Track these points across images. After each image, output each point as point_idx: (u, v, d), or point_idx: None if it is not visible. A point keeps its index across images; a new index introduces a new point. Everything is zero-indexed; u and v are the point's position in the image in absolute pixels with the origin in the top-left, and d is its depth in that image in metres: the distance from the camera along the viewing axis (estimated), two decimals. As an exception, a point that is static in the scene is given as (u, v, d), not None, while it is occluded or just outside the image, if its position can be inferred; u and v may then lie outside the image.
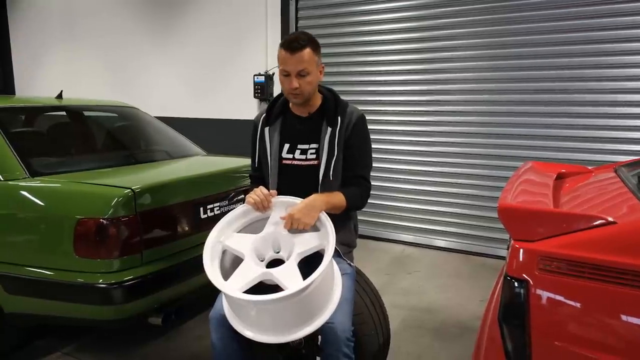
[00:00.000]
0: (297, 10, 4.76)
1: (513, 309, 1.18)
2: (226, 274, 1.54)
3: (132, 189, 2.05)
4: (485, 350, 1.34)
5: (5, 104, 2.66)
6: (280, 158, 1.81)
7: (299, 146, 1.80)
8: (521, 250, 1.18)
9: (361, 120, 1.79)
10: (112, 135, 3.26)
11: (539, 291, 1.15)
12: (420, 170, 4.36)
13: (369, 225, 4.55)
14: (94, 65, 6.25)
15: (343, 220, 1.77)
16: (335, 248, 1.50)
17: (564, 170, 1.93)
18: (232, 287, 1.43)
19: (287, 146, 1.81)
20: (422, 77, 4.24)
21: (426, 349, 2.58)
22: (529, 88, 3.81)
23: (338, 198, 1.70)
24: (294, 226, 1.58)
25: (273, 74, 4.86)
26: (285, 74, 1.69)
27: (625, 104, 3.53)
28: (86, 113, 3.19)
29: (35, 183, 2.19)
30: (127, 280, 2.01)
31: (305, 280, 1.38)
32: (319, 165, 1.75)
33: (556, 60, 3.69)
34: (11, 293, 2.14)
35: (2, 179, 2.19)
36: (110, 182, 2.19)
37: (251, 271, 1.50)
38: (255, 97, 4.91)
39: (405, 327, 2.81)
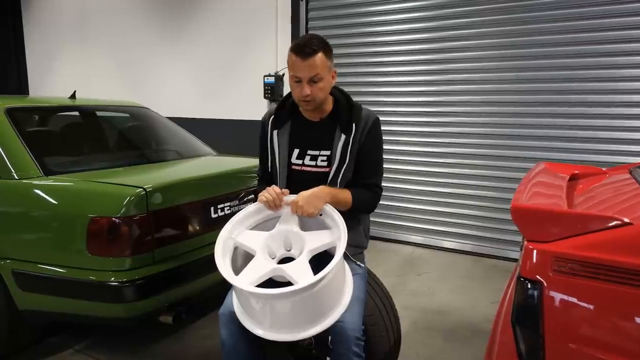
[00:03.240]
0: (307, 10, 4.77)
1: (526, 311, 1.16)
2: (237, 270, 1.54)
3: (144, 188, 2.07)
4: (497, 352, 1.33)
5: (20, 104, 2.69)
6: (290, 163, 1.78)
7: (309, 152, 1.76)
8: (535, 251, 1.17)
9: (376, 125, 1.75)
10: (124, 135, 3.29)
11: (553, 293, 1.14)
12: (430, 171, 4.33)
13: (379, 226, 4.53)
14: (106, 65, 6.32)
15: (351, 222, 1.75)
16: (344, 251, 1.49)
17: (577, 172, 1.91)
18: (243, 281, 1.43)
19: (296, 151, 1.77)
20: (432, 77, 4.22)
21: (437, 351, 2.56)
22: (542, 89, 3.78)
23: (344, 194, 1.68)
24: (298, 213, 1.57)
25: (283, 74, 4.87)
26: (296, 80, 1.63)
27: (640, 104, 3.48)
28: (99, 113, 3.23)
29: (49, 182, 2.22)
30: (139, 279, 2.03)
31: (317, 275, 1.38)
32: (329, 172, 1.72)
33: (570, 60, 3.65)
34: (25, 290, 2.17)
35: (16, 178, 2.22)
36: (122, 181, 2.21)
37: (262, 266, 1.50)
38: (265, 97, 4.93)
39: (416, 328, 2.79)
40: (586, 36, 3.57)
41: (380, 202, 1.84)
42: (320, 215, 1.63)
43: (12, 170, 2.23)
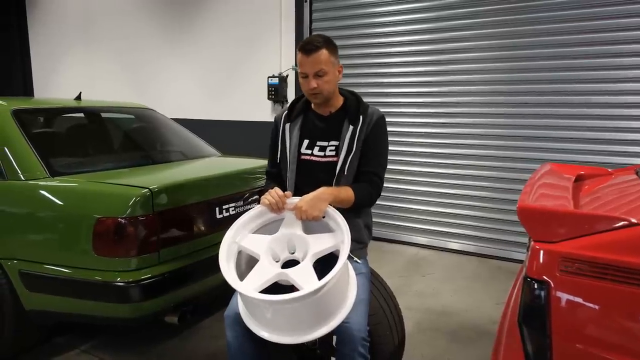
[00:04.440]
0: (311, 12, 4.78)
1: (533, 311, 1.16)
2: (242, 274, 1.54)
3: (149, 189, 2.08)
4: (504, 353, 1.32)
5: (26, 106, 2.71)
6: (299, 153, 1.84)
7: (319, 143, 1.82)
8: (542, 252, 1.17)
9: (381, 120, 1.81)
10: (129, 136, 3.30)
11: (560, 293, 1.14)
12: (434, 172, 4.33)
13: (383, 227, 4.53)
14: (111, 67, 6.35)
15: (351, 217, 1.75)
16: None
17: (583, 172, 1.90)
18: (248, 287, 1.44)
19: (306, 142, 1.84)
20: (437, 78, 4.22)
21: (441, 351, 2.56)
22: (546, 90, 3.77)
23: (346, 192, 1.70)
24: (303, 218, 1.59)
25: (287, 75, 4.88)
26: (303, 76, 1.73)
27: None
28: (104, 114, 3.24)
29: (55, 183, 2.23)
30: (145, 279, 2.03)
31: (320, 281, 1.38)
32: (337, 162, 1.76)
33: (575, 61, 3.64)
34: (32, 290, 2.18)
35: (23, 179, 2.23)
36: (128, 182, 2.22)
37: (266, 271, 1.50)
38: (269, 99, 4.94)
39: (420, 329, 2.79)
40: (591, 37, 3.56)
41: (385, 203, 1.85)
42: (323, 217, 1.64)
43: (19, 171, 2.25)
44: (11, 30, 7.14)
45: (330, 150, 1.80)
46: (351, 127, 1.76)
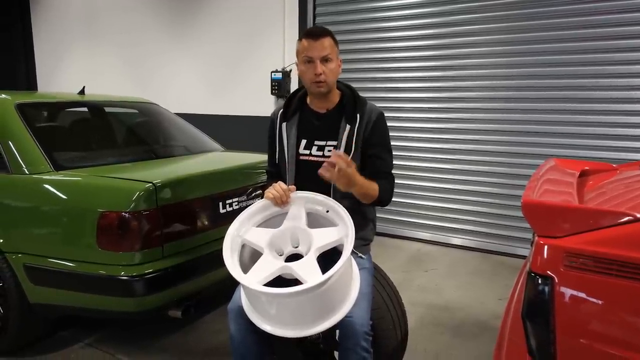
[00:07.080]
0: (314, 6, 4.76)
1: (537, 306, 1.16)
2: (245, 268, 1.54)
3: (153, 183, 2.08)
4: (507, 347, 1.32)
5: (30, 100, 2.71)
6: (297, 154, 1.82)
7: (316, 142, 1.80)
8: (546, 247, 1.16)
9: (381, 118, 1.79)
10: (133, 131, 3.30)
11: (564, 288, 1.13)
12: (438, 168, 4.32)
13: (386, 222, 4.53)
14: (114, 62, 6.35)
15: (357, 215, 1.74)
16: None
17: (587, 168, 1.89)
18: (252, 280, 1.44)
19: (304, 142, 1.81)
20: (440, 73, 4.20)
21: (444, 346, 2.56)
22: (550, 85, 3.75)
23: (373, 190, 1.69)
24: (333, 176, 1.54)
25: (290, 70, 4.87)
26: (308, 60, 1.70)
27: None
28: (107, 109, 3.24)
29: (60, 177, 2.24)
30: (148, 273, 2.04)
31: (325, 274, 1.38)
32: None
33: (580, 56, 3.61)
34: (36, 284, 2.19)
35: (27, 173, 2.24)
36: (132, 176, 2.22)
37: (270, 264, 1.50)
38: (272, 93, 4.93)
39: (423, 324, 2.79)
40: (596, 32, 3.53)
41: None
42: (327, 212, 1.64)
43: (23, 165, 2.26)
44: (14, 30, 7.14)
45: (328, 151, 1.77)
46: (348, 127, 1.74)
